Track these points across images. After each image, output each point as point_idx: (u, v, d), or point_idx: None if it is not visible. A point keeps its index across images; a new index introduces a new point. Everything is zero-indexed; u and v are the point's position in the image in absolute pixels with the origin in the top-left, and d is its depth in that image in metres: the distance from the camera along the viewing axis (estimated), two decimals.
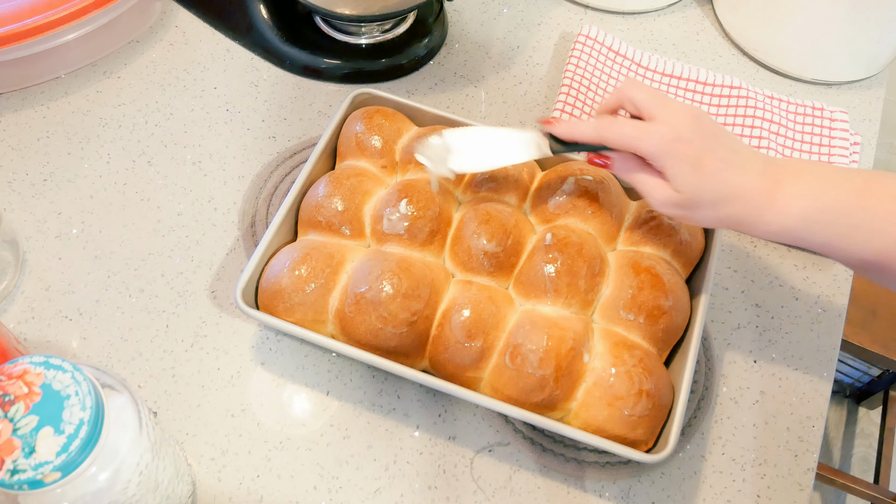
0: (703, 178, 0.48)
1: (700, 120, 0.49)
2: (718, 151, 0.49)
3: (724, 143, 0.49)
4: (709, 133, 0.49)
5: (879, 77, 0.83)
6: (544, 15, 0.85)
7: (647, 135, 0.49)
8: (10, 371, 0.38)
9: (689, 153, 0.48)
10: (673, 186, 0.50)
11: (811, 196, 0.48)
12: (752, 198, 0.48)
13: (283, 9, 0.79)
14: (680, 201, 0.50)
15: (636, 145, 0.50)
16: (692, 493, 0.56)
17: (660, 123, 0.49)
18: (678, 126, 0.49)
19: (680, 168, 0.49)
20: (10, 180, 0.68)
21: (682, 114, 0.49)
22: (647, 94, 0.51)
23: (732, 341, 0.64)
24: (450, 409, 0.58)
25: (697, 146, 0.48)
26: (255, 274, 0.56)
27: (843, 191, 0.47)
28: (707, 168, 0.48)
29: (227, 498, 0.54)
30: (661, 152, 0.49)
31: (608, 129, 0.51)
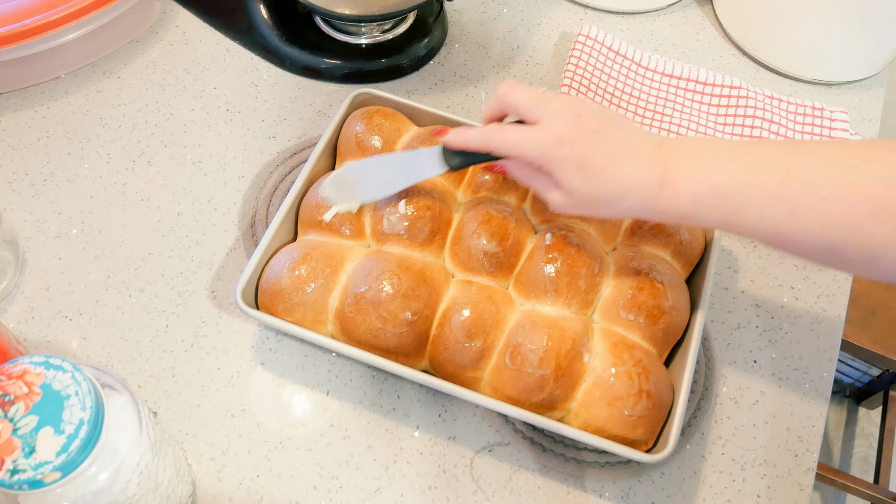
0: (591, 178, 0.48)
1: (581, 118, 0.49)
2: (604, 148, 0.48)
3: (609, 138, 0.49)
4: (591, 130, 0.48)
5: (879, 77, 0.83)
6: (544, 15, 0.85)
7: (529, 142, 0.49)
8: (10, 371, 0.38)
9: (573, 156, 0.48)
10: (564, 190, 0.49)
11: (699, 179, 0.47)
12: (643, 189, 0.48)
13: (283, 9, 0.79)
14: (574, 203, 0.50)
15: (520, 153, 0.50)
16: (692, 493, 0.56)
17: (541, 128, 0.49)
18: (558, 129, 0.48)
19: (566, 172, 0.48)
20: (10, 180, 0.68)
21: (561, 115, 0.48)
22: (525, 97, 0.50)
23: (732, 341, 0.64)
24: (450, 409, 0.58)
25: (580, 147, 0.48)
26: (255, 274, 0.56)
27: (731, 169, 0.47)
28: (593, 168, 0.48)
29: (227, 498, 0.54)
30: (545, 158, 0.49)
31: (493, 138, 0.51)
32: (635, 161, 0.48)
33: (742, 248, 0.69)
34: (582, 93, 0.75)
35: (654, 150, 0.49)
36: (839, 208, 0.43)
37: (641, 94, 0.78)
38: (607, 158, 0.48)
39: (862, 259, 0.44)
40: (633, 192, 0.48)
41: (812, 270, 0.68)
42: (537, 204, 0.62)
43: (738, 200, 0.46)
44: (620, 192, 0.48)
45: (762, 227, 0.46)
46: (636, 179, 0.48)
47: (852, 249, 0.44)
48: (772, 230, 0.46)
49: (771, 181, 0.45)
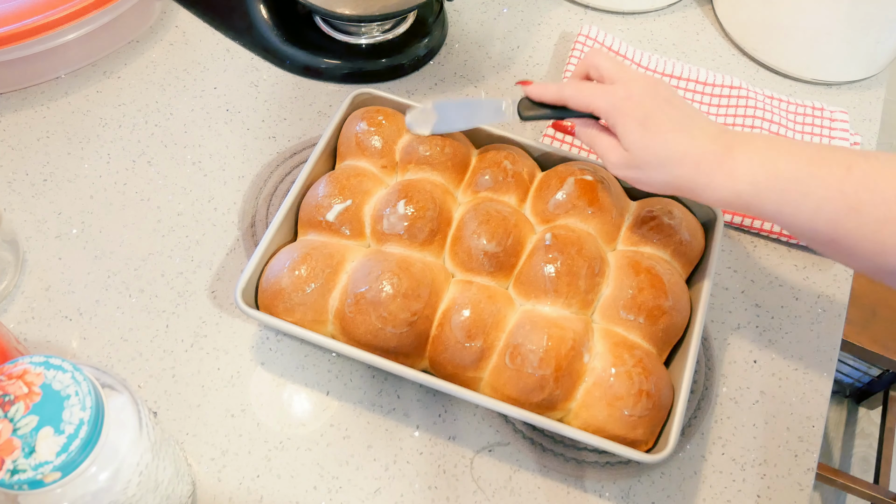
0: (651, 136, 0.49)
1: (657, 86, 0.51)
2: (670, 113, 0.49)
3: (678, 108, 0.50)
4: (662, 97, 0.50)
5: (879, 77, 0.83)
6: (544, 15, 0.85)
7: (601, 93, 0.51)
8: (10, 371, 0.38)
9: (639, 112, 0.49)
10: (623, 145, 0.50)
11: (761, 162, 0.47)
12: (702, 160, 0.48)
13: (283, 9, 0.79)
14: (629, 161, 0.51)
15: (589, 102, 0.52)
16: (692, 493, 0.56)
17: (615, 86, 0.51)
18: (631, 87, 0.50)
19: (628, 125, 0.50)
20: (10, 180, 0.68)
21: (639, 78, 0.51)
22: (609, 61, 0.53)
23: (732, 341, 0.64)
24: (450, 409, 0.58)
25: (648, 106, 0.49)
26: (255, 274, 0.56)
27: (794, 159, 0.47)
28: (655, 127, 0.49)
29: (227, 498, 0.54)
30: (611, 109, 0.50)
31: (568, 89, 0.54)
32: (697, 134, 0.49)
33: (742, 248, 0.69)
34: None
35: (719, 131, 0.50)
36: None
37: None
38: (671, 122, 0.49)
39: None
40: (689, 160, 0.48)
41: (812, 270, 0.68)
42: (537, 204, 0.62)
43: (797, 189, 0.46)
44: (676, 157, 0.49)
45: (817, 220, 0.46)
46: (695, 149, 0.48)
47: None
48: (827, 226, 0.45)
49: (833, 174, 0.45)
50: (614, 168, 0.52)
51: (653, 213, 0.61)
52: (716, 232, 0.61)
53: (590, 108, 0.52)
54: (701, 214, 0.63)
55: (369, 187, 0.61)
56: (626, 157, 0.51)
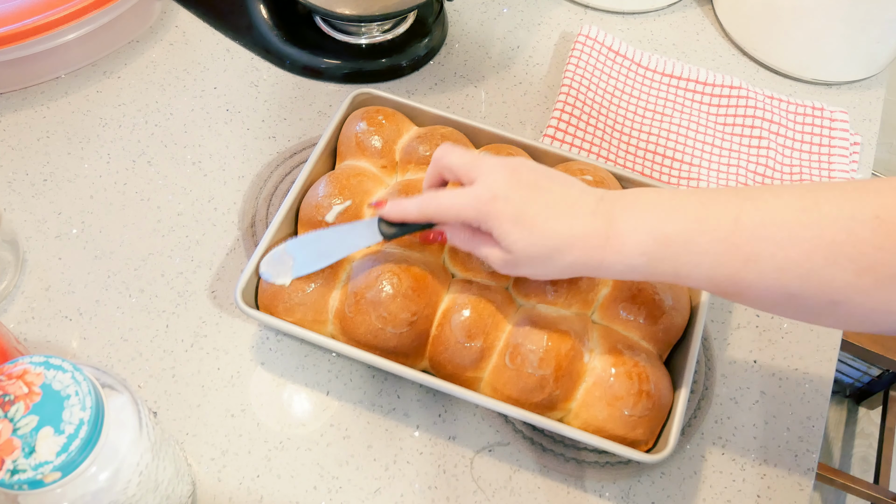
0: (529, 232, 0.46)
1: (518, 171, 0.47)
2: (540, 201, 0.46)
3: (547, 190, 0.47)
4: (527, 184, 0.47)
5: (879, 77, 0.83)
6: (544, 15, 0.85)
7: (464, 200, 0.47)
8: (10, 371, 0.38)
9: (509, 210, 0.46)
10: (503, 247, 0.47)
11: (648, 231, 0.45)
12: (586, 242, 0.46)
13: (283, 9, 0.79)
14: (514, 261, 0.47)
15: (456, 214, 0.48)
16: (692, 493, 0.56)
17: (475, 186, 0.47)
18: (493, 184, 0.46)
19: (503, 227, 0.46)
20: (10, 180, 0.68)
21: (497, 170, 0.47)
22: (459, 158, 0.49)
23: (732, 341, 0.64)
24: (450, 409, 0.58)
25: (515, 200, 0.46)
26: (255, 274, 0.56)
27: (680, 218, 0.44)
28: (530, 221, 0.46)
29: (227, 498, 0.54)
30: (480, 215, 0.47)
31: (428, 205, 0.49)
32: (576, 213, 0.46)
33: None
34: (582, 93, 0.75)
35: (596, 202, 0.47)
36: (794, 254, 0.41)
37: (641, 94, 0.78)
38: (546, 211, 0.46)
39: (823, 306, 0.42)
40: (574, 245, 0.46)
41: None
42: None
43: (689, 250, 0.44)
44: (561, 246, 0.46)
45: (717, 276, 0.44)
46: (577, 232, 0.46)
47: (811, 296, 0.42)
48: (727, 280, 0.44)
49: (722, 228, 0.43)
50: (501, 269, 0.49)
51: None
52: None
53: (458, 219, 0.48)
54: None
55: (369, 187, 0.61)
56: (510, 258, 0.47)
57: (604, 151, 0.72)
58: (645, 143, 0.74)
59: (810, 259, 0.41)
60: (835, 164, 0.73)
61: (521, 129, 0.75)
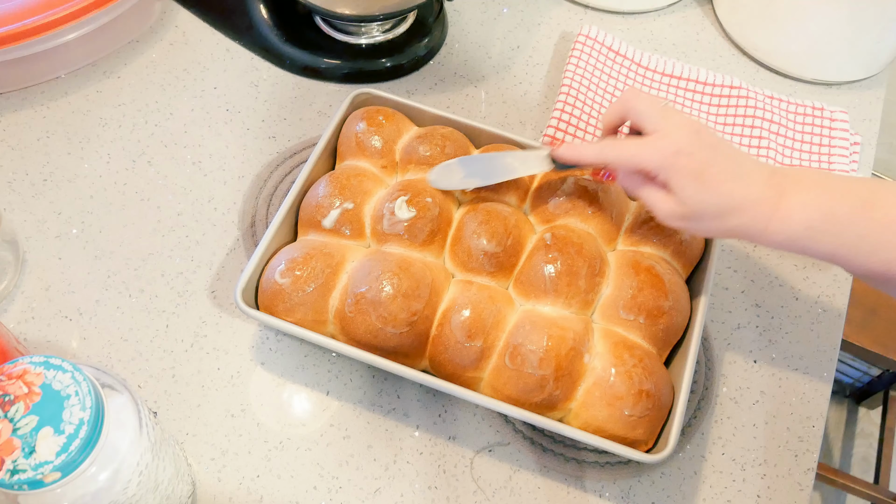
0: (707, 189, 0.49)
1: (701, 132, 0.50)
2: (721, 163, 0.49)
3: (726, 155, 0.50)
4: (710, 145, 0.49)
5: (879, 77, 0.83)
6: (544, 15, 0.85)
7: (649, 151, 0.50)
8: (10, 371, 0.38)
9: (692, 166, 0.49)
10: (677, 199, 0.50)
11: (816, 206, 0.47)
12: (757, 208, 0.49)
13: (283, 9, 0.79)
14: (685, 214, 0.50)
15: (637, 163, 0.51)
16: (692, 493, 0.56)
17: (660, 137, 0.50)
18: (679, 139, 0.49)
19: (683, 181, 0.49)
20: (10, 180, 0.68)
21: (683, 127, 0.50)
22: (649, 105, 0.51)
23: (732, 341, 0.64)
24: (450, 409, 0.58)
25: (699, 158, 0.49)
26: (255, 274, 0.56)
27: (848, 200, 0.47)
28: (710, 180, 0.49)
29: (227, 498, 0.54)
30: (663, 166, 0.49)
31: (610, 151, 0.52)
32: (751, 180, 0.49)
33: (742, 247, 0.69)
34: (582, 93, 0.75)
35: (770, 173, 0.50)
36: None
37: None
38: (725, 173, 0.49)
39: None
40: (745, 208, 0.49)
41: (812, 270, 0.68)
42: (537, 204, 0.62)
43: (852, 230, 0.46)
44: (733, 207, 0.49)
45: (873, 261, 0.46)
46: (751, 197, 0.48)
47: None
48: (883, 266, 0.46)
49: (889, 216, 0.46)
50: (667, 219, 0.52)
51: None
52: None
53: (638, 167, 0.51)
54: None
55: (369, 187, 0.61)
56: (681, 209, 0.50)
57: None
58: None
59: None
60: (835, 164, 0.73)
61: (521, 129, 0.75)
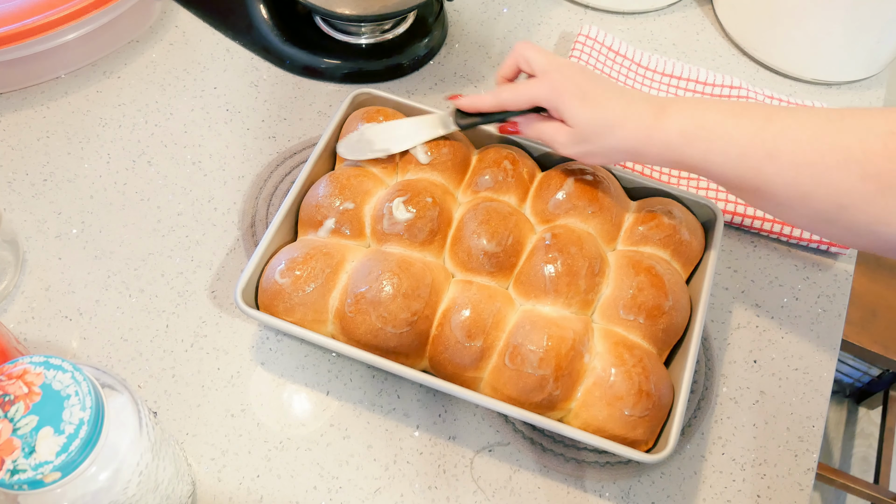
0: (593, 107, 0.53)
1: (585, 69, 0.56)
2: (604, 85, 0.54)
3: (608, 81, 0.55)
4: (593, 76, 0.55)
5: (879, 77, 0.83)
6: (544, 15, 0.85)
7: (539, 84, 0.55)
8: (10, 371, 0.38)
9: (577, 90, 0.54)
10: (569, 123, 0.54)
11: (691, 115, 0.51)
12: (640, 120, 0.52)
13: (283, 9, 0.79)
14: (575, 135, 0.54)
15: (530, 97, 0.56)
16: (692, 493, 0.56)
17: (549, 73, 0.55)
18: (564, 72, 0.55)
19: (570, 102, 0.54)
20: (10, 180, 0.68)
21: (568, 63, 0.56)
22: (539, 53, 0.57)
23: (732, 341, 0.64)
24: (450, 409, 0.58)
25: (584, 83, 0.54)
26: (255, 274, 0.56)
27: (719, 111, 0.51)
28: (595, 99, 0.54)
29: (227, 498, 0.54)
30: (552, 94, 0.55)
31: (505, 94, 0.57)
32: (633, 97, 0.54)
33: (742, 247, 0.69)
34: None
35: (651, 96, 0.55)
36: (811, 154, 0.46)
37: None
38: (608, 93, 0.54)
39: (831, 210, 0.46)
40: (629, 119, 0.53)
41: (812, 270, 0.68)
42: (537, 204, 0.62)
43: (721, 137, 0.50)
44: (618, 119, 0.53)
45: (740, 168, 0.49)
46: (632, 111, 0.53)
47: (821, 197, 0.47)
48: (749, 171, 0.49)
49: (754, 124, 0.49)
50: (564, 147, 0.56)
51: (653, 212, 0.61)
52: (716, 232, 0.61)
53: (531, 101, 0.56)
54: (701, 214, 0.63)
55: (369, 187, 0.61)
56: (573, 132, 0.54)
57: None
58: None
59: (824, 160, 0.46)
60: None
61: None
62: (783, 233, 0.69)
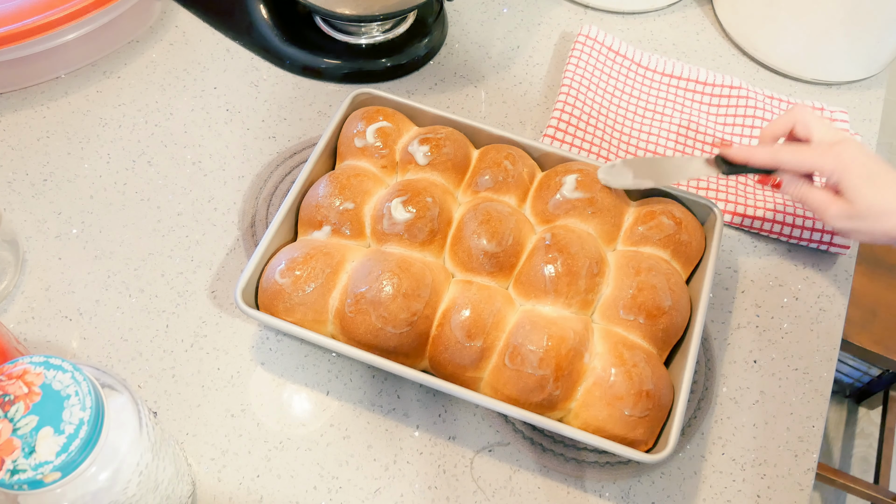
0: (877, 190, 0.54)
1: (864, 147, 0.56)
2: (888, 170, 0.55)
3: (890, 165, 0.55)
4: (876, 157, 0.55)
5: (879, 77, 0.83)
6: (544, 15, 0.85)
7: (826, 156, 0.55)
8: (10, 371, 0.38)
9: (864, 170, 0.54)
10: (848, 198, 0.55)
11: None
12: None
13: (283, 9, 0.79)
14: (852, 213, 0.55)
15: (813, 165, 0.56)
16: (692, 493, 0.56)
17: (835, 144, 0.55)
18: (851, 148, 0.55)
19: (856, 181, 0.54)
20: (10, 180, 0.68)
21: (852, 140, 0.56)
22: (819, 122, 0.57)
23: (732, 341, 0.64)
24: (450, 409, 0.58)
25: (870, 165, 0.54)
26: (255, 274, 0.56)
27: None
28: (881, 182, 0.54)
29: (227, 498, 0.54)
30: (838, 169, 0.55)
31: (785, 155, 0.57)
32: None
33: (742, 247, 0.69)
34: (582, 93, 0.75)
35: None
36: None
37: (641, 94, 0.78)
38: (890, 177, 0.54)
39: None
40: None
41: (812, 270, 0.68)
42: (537, 204, 0.62)
43: None
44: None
45: None
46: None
47: None
48: None
49: None
50: (833, 219, 0.56)
51: (653, 213, 0.61)
52: (716, 232, 0.61)
53: (813, 169, 0.56)
54: (701, 214, 0.63)
55: (369, 187, 0.61)
56: (849, 209, 0.55)
57: (604, 151, 0.72)
58: (645, 143, 0.74)
59: None
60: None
61: (521, 129, 0.75)
62: (783, 233, 0.69)
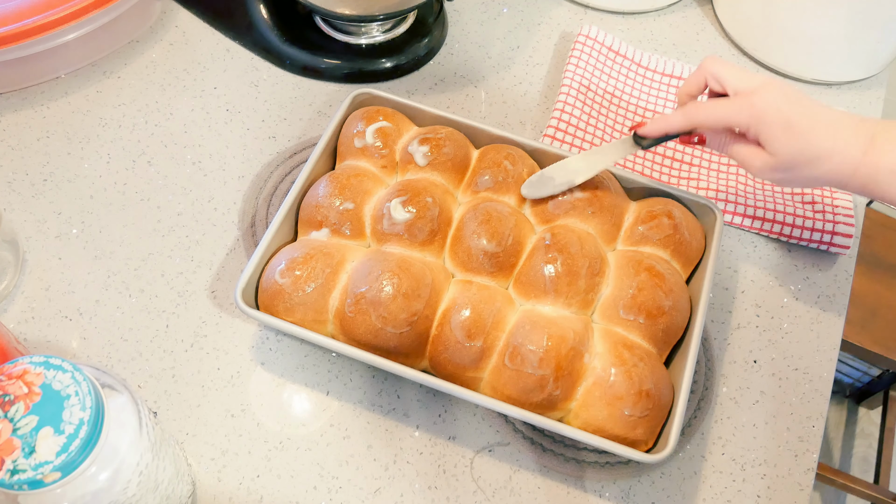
0: (797, 138, 0.51)
1: (785, 87, 0.53)
2: (809, 113, 0.52)
3: (813, 106, 0.52)
4: (796, 99, 0.52)
5: (879, 77, 0.83)
6: (544, 15, 0.85)
7: (738, 108, 0.53)
8: (10, 371, 0.38)
9: (781, 118, 0.51)
10: (769, 151, 0.52)
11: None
12: (846, 152, 0.51)
13: (283, 9, 0.79)
14: (777, 164, 0.53)
15: (729, 120, 0.53)
16: (692, 493, 0.56)
17: (749, 94, 0.52)
18: (767, 95, 0.52)
19: (774, 132, 0.51)
20: (10, 180, 0.68)
21: (770, 85, 0.52)
22: (732, 70, 0.54)
23: (732, 341, 0.64)
24: (450, 409, 0.58)
25: (787, 111, 0.51)
26: (255, 274, 0.56)
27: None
28: (800, 129, 0.51)
29: (227, 498, 0.54)
30: (754, 121, 0.52)
31: (698, 113, 0.55)
32: (840, 127, 0.51)
33: (742, 248, 0.69)
34: (582, 93, 0.75)
35: (858, 121, 0.52)
36: None
37: (641, 94, 0.78)
38: (813, 121, 0.51)
39: None
40: (835, 153, 0.51)
41: (812, 270, 0.68)
42: (537, 204, 0.62)
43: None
44: (823, 153, 0.51)
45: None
46: (840, 142, 0.51)
47: None
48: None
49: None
50: (760, 172, 0.54)
51: (653, 213, 0.61)
52: (716, 232, 0.61)
53: (727, 124, 0.54)
54: (701, 214, 0.63)
55: (369, 187, 0.61)
56: (773, 161, 0.53)
57: None
58: None
59: None
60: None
61: (521, 129, 0.75)
62: (783, 233, 0.69)
